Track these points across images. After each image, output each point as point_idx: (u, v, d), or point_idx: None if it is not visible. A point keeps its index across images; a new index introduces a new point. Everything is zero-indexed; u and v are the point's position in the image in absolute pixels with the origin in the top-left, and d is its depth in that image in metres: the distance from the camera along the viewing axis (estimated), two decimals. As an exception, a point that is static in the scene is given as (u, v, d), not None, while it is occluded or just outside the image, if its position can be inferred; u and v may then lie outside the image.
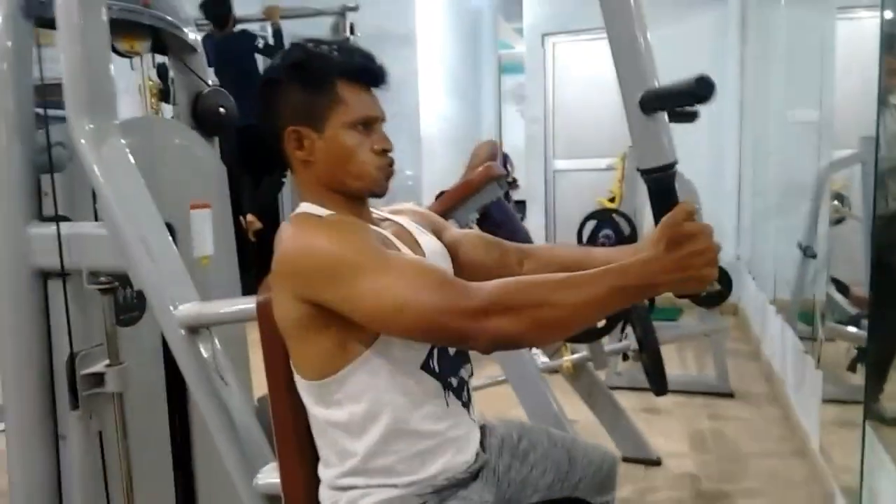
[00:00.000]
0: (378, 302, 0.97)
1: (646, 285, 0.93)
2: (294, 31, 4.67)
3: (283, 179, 4.33)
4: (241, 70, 4.05)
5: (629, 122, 1.02)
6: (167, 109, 2.39)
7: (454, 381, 1.17)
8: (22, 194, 1.49)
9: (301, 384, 1.14)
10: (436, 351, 1.13)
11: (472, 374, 1.24)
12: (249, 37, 4.42)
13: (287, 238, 1.08)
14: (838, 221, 3.18)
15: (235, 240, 2.01)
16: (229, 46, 4.23)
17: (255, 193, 4.07)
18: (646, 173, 0.99)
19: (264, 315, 1.19)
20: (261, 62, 4.48)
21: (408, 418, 1.10)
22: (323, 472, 1.18)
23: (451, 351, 1.17)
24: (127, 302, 1.64)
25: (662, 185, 0.98)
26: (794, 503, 2.46)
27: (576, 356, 2.71)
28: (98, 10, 1.40)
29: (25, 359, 1.52)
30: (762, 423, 3.16)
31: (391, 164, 1.15)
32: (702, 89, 0.86)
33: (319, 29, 4.90)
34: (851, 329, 2.45)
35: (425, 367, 1.12)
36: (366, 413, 1.09)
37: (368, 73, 1.13)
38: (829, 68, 2.97)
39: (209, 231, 1.88)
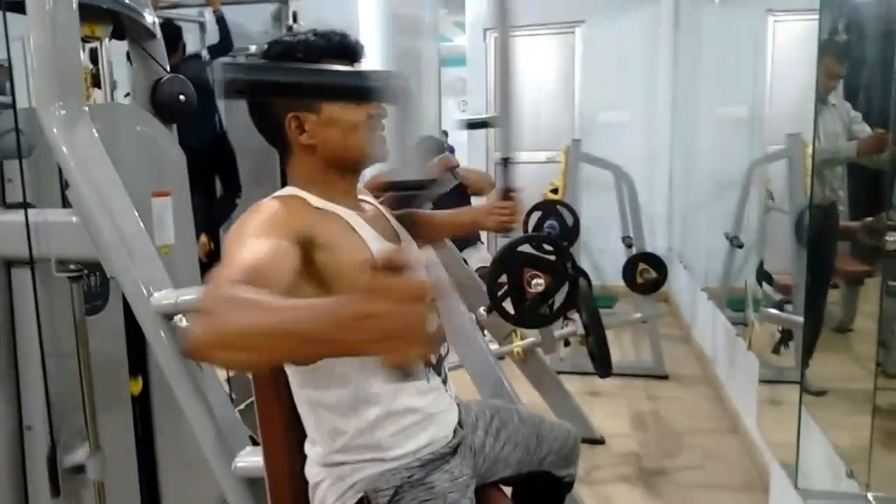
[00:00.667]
0: None
1: (320, 338, 0.69)
2: (234, 19, 4.57)
3: (237, 201, 4.26)
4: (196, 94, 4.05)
5: None
6: (98, 95, 2.35)
7: (433, 359, 1.23)
8: (-15, 180, 1.45)
9: (292, 369, 1.17)
10: None
11: (448, 351, 1.30)
12: (197, 59, 4.36)
13: None
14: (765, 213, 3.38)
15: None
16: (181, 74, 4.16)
17: (208, 214, 4.01)
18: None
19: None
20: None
21: (394, 397, 1.15)
22: (310, 449, 1.21)
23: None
24: (91, 290, 1.62)
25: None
26: (730, 476, 2.63)
27: (525, 342, 2.81)
28: (68, -8, 1.38)
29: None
30: (696, 402, 3.34)
31: (384, 128, 1.20)
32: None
33: (260, 16, 4.84)
34: (786, 315, 2.62)
35: None
36: (354, 394, 1.13)
37: (349, 49, 1.18)
38: (759, 67, 3.15)
39: (170, 219, 1.87)
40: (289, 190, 1.18)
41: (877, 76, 1.66)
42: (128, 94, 3.61)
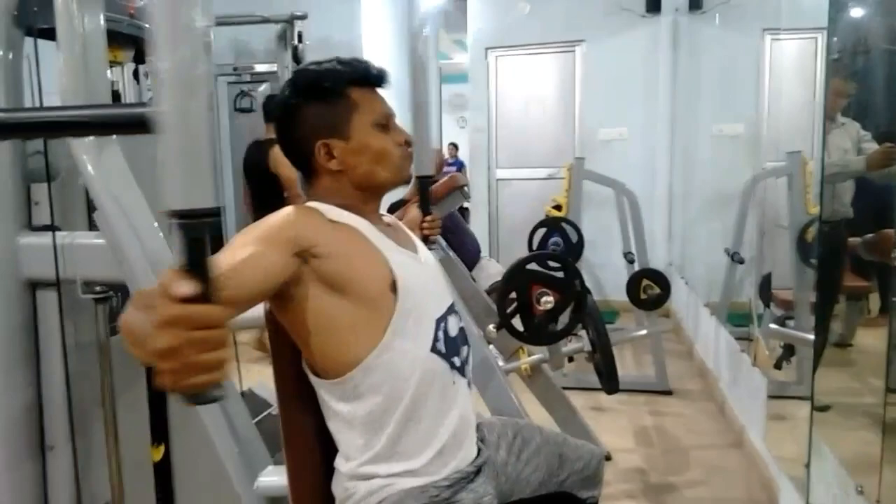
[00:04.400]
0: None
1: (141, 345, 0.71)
2: (240, 37, 4.63)
3: None
4: None
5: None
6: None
7: (457, 361, 1.25)
8: (12, 204, 1.48)
9: (321, 385, 1.19)
10: (440, 334, 1.21)
11: (469, 353, 1.30)
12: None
13: None
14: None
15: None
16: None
17: None
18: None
19: (273, 321, 1.24)
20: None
21: (423, 399, 1.17)
22: (343, 464, 1.22)
23: (453, 332, 1.25)
24: (113, 311, 1.64)
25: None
26: (736, 491, 2.64)
27: (533, 358, 2.82)
28: (97, 18, 1.42)
29: (14, 368, 1.50)
30: (700, 417, 3.36)
31: (411, 155, 1.26)
32: None
33: (265, 36, 4.88)
34: (794, 331, 2.65)
35: (433, 349, 1.20)
36: (386, 400, 1.16)
37: (374, 75, 1.23)
38: (757, 85, 3.20)
39: (187, 240, 1.89)
40: (312, 204, 1.21)
41: (883, 95, 1.70)
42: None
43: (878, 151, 1.72)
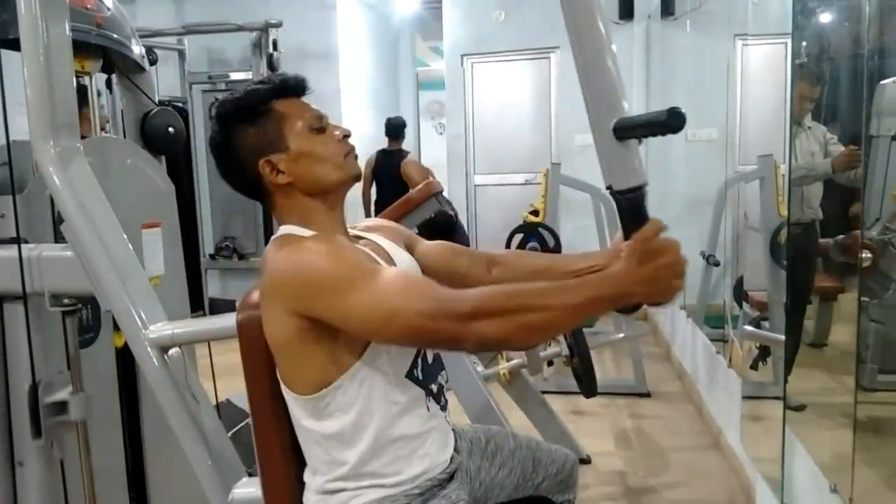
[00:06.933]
0: (371, 311, 1.03)
1: (620, 294, 1.00)
2: (214, 45, 4.60)
3: None
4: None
5: (598, 147, 1.09)
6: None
7: (434, 388, 1.25)
8: (-23, 217, 1.45)
9: (292, 399, 1.18)
10: (419, 360, 1.21)
11: (447, 380, 1.32)
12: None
13: (276, 258, 1.13)
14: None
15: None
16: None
17: None
18: (619, 194, 1.05)
19: (246, 332, 1.23)
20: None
21: (394, 424, 1.17)
22: (311, 479, 1.22)
23: (430, 359, 1.25)
24: (83, 323, 1.62)
25: (634, 204, 1.05)
26: (715, 493, 2.66)
27: (511, 363, 2.83)
28: (62, 28, 1.40)
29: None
30: (678, 419, 3.39)
31: (353, 148, 1.24)
32: (674, 121, 0.95)
33: (240, 44, 4.86)
34: (766, 332, 2.68)
35: (409, 375, 1.19)
36: (356, 422, 1.15)
37: (293, 85, 1.23)
38: (729, 90, 3.24)
39: (160, 251, 1.88)
40: (287, 229, 1.21)
41: (847, 98, 1.73)
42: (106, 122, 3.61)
43: (843, 154, 1.76)
